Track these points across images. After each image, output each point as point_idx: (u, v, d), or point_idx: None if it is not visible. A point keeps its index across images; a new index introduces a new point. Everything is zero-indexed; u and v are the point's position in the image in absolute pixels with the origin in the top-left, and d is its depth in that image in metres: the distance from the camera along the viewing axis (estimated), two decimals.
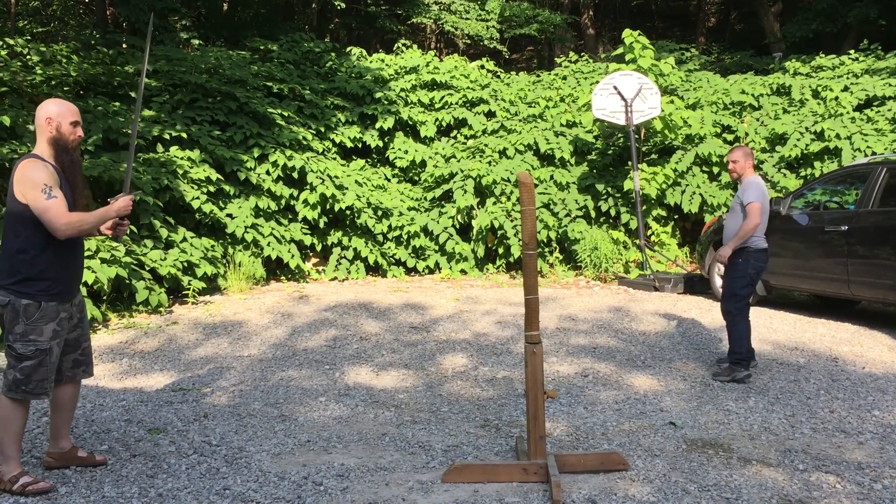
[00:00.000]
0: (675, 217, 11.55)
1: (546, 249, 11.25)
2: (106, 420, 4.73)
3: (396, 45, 15.03)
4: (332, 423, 4.75)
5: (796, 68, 13.94)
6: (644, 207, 10.96)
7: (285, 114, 11.23)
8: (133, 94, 10.28)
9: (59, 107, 3.69)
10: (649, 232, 11.23)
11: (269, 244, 9.74)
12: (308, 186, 10.36)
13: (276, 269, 10.35)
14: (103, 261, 7.34)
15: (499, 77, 14.92)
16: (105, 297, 7.85)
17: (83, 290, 6.97)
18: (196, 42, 12.88)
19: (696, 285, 9.69)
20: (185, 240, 8.80)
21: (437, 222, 10.99)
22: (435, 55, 14.22)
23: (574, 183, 11.58)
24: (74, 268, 3.76)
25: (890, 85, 11.66)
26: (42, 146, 3.67)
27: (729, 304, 5.79)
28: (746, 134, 11.83)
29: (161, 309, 8.05)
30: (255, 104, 10.84)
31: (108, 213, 3.69)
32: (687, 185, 11.03)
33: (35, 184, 3.50)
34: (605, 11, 25.34)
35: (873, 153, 10.04)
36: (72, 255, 3.72)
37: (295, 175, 10.31)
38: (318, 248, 10.65)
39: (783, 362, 6.19)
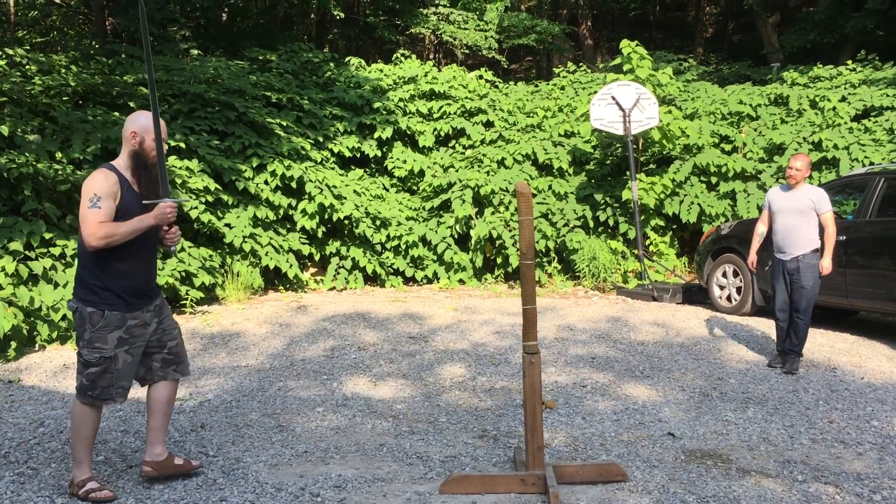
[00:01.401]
0: (674, 227, 11.56)
1: (544, 259, 11.25)
2: (103, 430, 4.71)
3: (395, 55, 15.06)
4: (330, 433, 4.73)
5: (794, 79, 13.98)
6: (642, 217, 10.97)
7: (284, 123, 11.24)
8: (132, 104, 10.28)
9: (146, 121, 3.67)
10: (647, 242, 11.23)
11: (267, 254, 9.74)
12: (306, 196, 10.36)
13: (274, 279, 10.34)
14: None
15: (497, 87, 14.95)
16: None
17: None
18: (195, 52, 12.90)
19: (694, 295, 9.68)
20: (182, 249, 8.79)
21: (436, 232, 10.99)
22: (433, 65, 14.25)
23: (572, 193, 11.59)
24: (140, 278, 3.73)
25: (887, 95, 11.70)
26: (123, 157, 3.69)
27: (811, 304, 6.20)
28: (744, 144, 11.85)
29: None
30: (254, 114, 10.85)
31: (142, 223, 3.59)
32: (685, 195, 11.04)
33: (86, 192, 3.52)
34: (604, 22, 25.45)
35: (871, 163, 10.06)
36: (136, 265, 3.69)
37: (293, 185, 10.31)
38: (317, 257, 10.64)
39: (781, 372, 6.18)
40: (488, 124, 13.24)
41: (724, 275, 8.93)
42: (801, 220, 6.20)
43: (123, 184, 3.61)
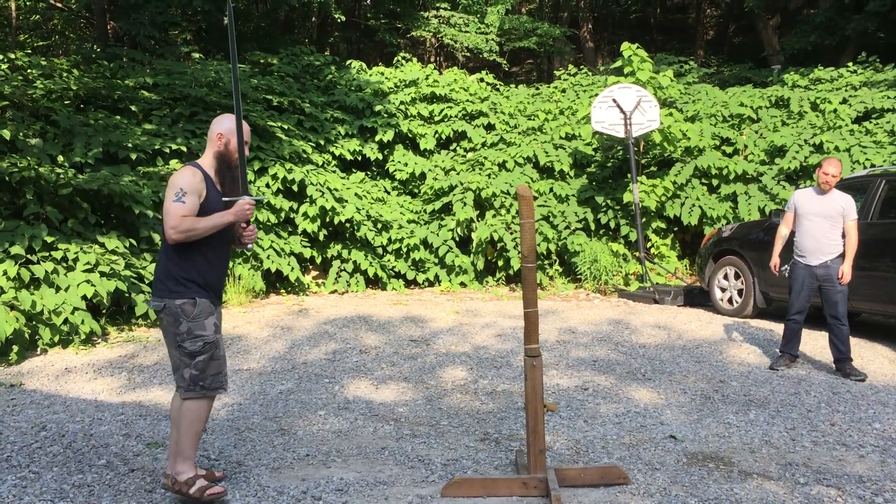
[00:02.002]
0: (675, 229, 11.56)
1: (546, 262, 11.25)
2: (104, 434, 4.71)
3: (396, 58, 15.07)
4: (332, 436, 4.73)
5: (795, 81, 13.99)
6: (643, 220, 10.97)
7: (285, 127, 11.25)
8: (133, 108, 10.30)
9: (232, 124, 3.73)
10: (649, 244, 11.23)
11: (268, 257, 9.74)
12: (308, 199, 10.37)
13: (275, 282, 10.34)
14: (102, 274, 7.33)
15: (498, 90, 14.96)
16: (104, 311, 7.84)
17: (83, 304, 6.99)
18: (196, 55, 12.92)
19: (696, 298, 9.68)
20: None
21: (437, 235, 11.00)
22: (434, 68, 14.26)
23: (573, 195, 11.59)
24: (220, 274, 3.79)
25: (888, 97, 11.70)
26: (208, 158, 3.75)
27: (844, 310, 6.17)
28: (745, 146, 11.86)
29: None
30: (255, 117, 10.86)
31: (222, 219, 3.64)
32: (686, 198, 11.05)
33: (173, 186, 3.56)
34: (604, 24, 25.46)
35: (872, 165, 10.05)
36: (217, 261, 3.75)
37: (295, 188, 10.32)
38: (318, 260, 10.65)
39: (783, 375, 6.18)
40: (489, 127, 13.25)
41: (726, 277, 8.93)
42: (832, 225, 6.18)
43: (208, 182, 3.67)
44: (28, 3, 17.21)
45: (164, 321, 3.67)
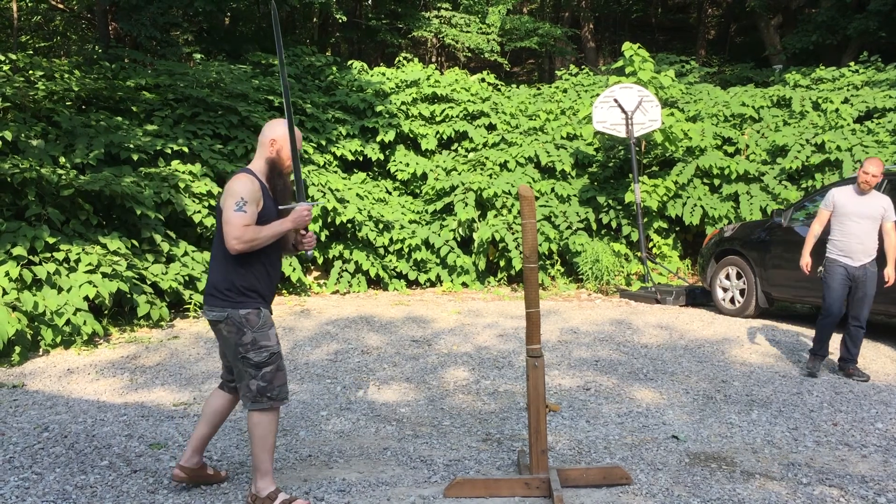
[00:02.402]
0: (677, 229, 11.56)
1: (547, 262, 11.25)
2: (107, 435, 4.71)
3: (397, 58, 15.07)
4: (334, 437, 4.73)
5: (796, 80, 13.97)
6: (645, 220, 10.97)
7: None
8: (135, 109, 10.30)
9: (286, 130, 3.68)
10: (651, 244, 11.22)
11: None
12: (309, 199, 10.37)
13: (277, 283, 10.33)
14: (104, 275, 7.34)
15: (499, 90, 14.96)
16: (106, 312, 7.85)
17: (85, 305, 7.00)
18: (198, 56, 12.92)
19: (697, 297, 9.68)
20: (186, 254, 8.80)
21: (439, 235, 11.00)
22: (436, 68, 14.27)
23: (575, 195, 11.59)
24: (274, 282, 3.77)
25: (890, 97, 11.69)
26: (259, 163, 3.68)
27: (867, 314, 6.20)
28: (747, 146, 11.85)
29: (162, 323, 8.04)
30: (257, 118, 10.87)
31: (282, 227, 3.61)
32: (688, 198, 11.04)
33: (233, 194, 3.50)
34: (606, 24, 25.45)
35: None
36: (273, 269, 3.73)
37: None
38: (320, 261, 10.65)
39: (786, 375, 6.18)
40: (491, 127, 13.25)
41: (728, 277, 8.92)
42: (874, 226, 6.12)
43: (263, 190, 3.62)
44: (30, 4, 17.22)
45: (224, 331, 3.59)
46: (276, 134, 3.66)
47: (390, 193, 12.25)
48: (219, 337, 3.67)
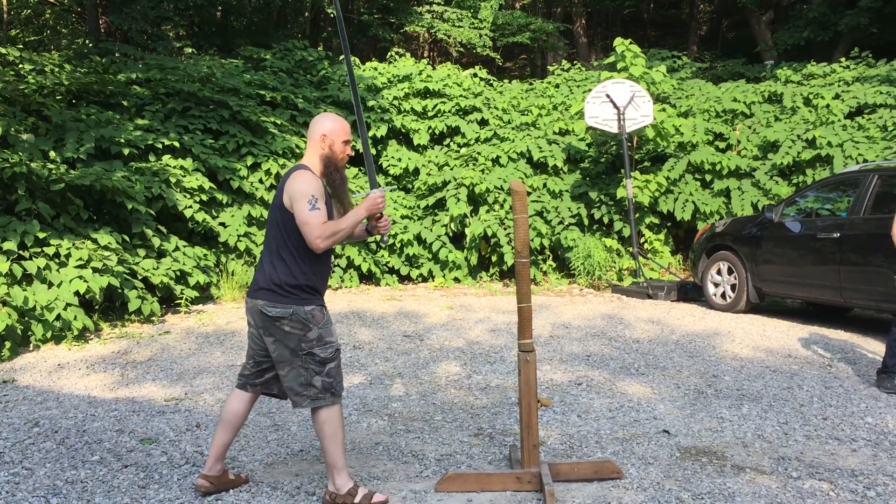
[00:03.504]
0: (668, 225, 11.58)
1: (539, 257, 11.26)
2: (97, 430, 4.70)
3: (389, 53, 15.05)
4: None
5: (788, 76, 14.01)
6: (637, 215, 10.99)
7: (278, 122, 11.22)
8: (126, 103, 10.26)
9: (334, 123, 3.66)
10: (642, 239, 11.24)
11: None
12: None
13: None
14: (95, 270, 7.31)
15: (491, 85, 14.94)
16: (97, 307, 7.82)
17: (75, 300, 6.97)
18: (189, 50, 12.88)
19: (689, 293, 9.70)
20: (177, 249, 8.77)
21: (431, 230, 10.99)
22: (428, 63, 14.24)
23: (567, 191, 11.59)
24: (328, 277, 3.76)
25: (881, 93, 11.72)
26: (312, 159, 3.65)
27: None
28: (738, 141, 11.88)
29: (153, 318, 8.02)
30: (248, 113, 10.84)
31: (359, 215, 3.63)
32: (679, 193, 11.06)
33: (303, 194, 3.47)
34: (598, 20, 25.45)
35: (864, 160, 10.08)
36: (327, 264, 3.73)
37: None
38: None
39: (776, 370, 6.20)
40: (483, 122, 13.23)
41: (719, 272, 8.95)
42: None
43: (323, 185, 3.62)
44: None
45: (287, 327, 3.53)
46: (326, 128, 3.64)
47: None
48: (269, 334, 3.57)
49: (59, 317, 6.88)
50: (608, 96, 10.58)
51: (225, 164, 9.97)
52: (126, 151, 9.04)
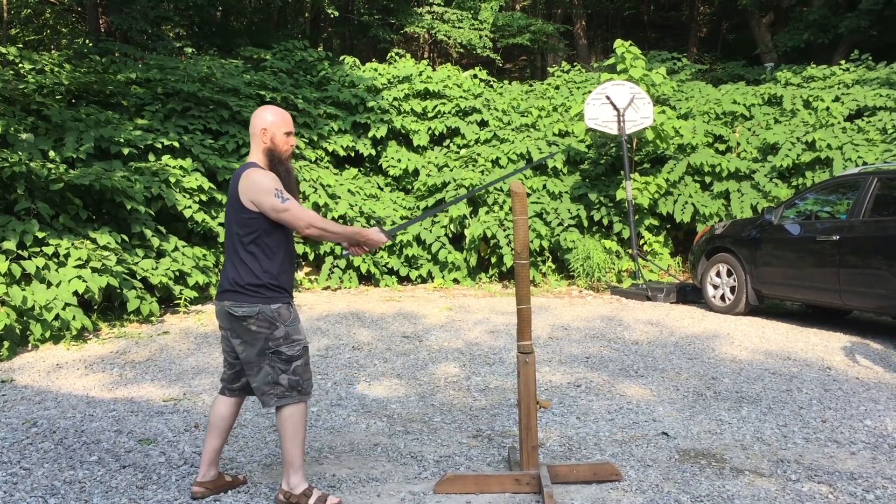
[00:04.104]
0: (668, 226, 11.58)
1: (539, 259, 11.26)
2: (96, 430, 4.69)
3: (389, 54, 15.05)
4: (324, 433, 4.73)
5: (788, 78, 14.01)
6: (636, 217, 10.98)
7: None
8: (125, 103, 10.25)
9: (274, 116, 3.63)
10: (642, 241, 11.24)
11: None
12: (301, 195, 10.34)
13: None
14: (94, 270, 7.30)
15: (491, 86, 14.95)
16: (96, 307, 7.82)
17: (74, 300, 6.97)
18: (189, 50, 12.87)
19: (688, 295, 9.70)
20: (176, 249, 8.77)
21: (430, 231, 10.99)
22: (428, 64, 14.24)
23: (566, 192, 11.59)
24: (294, 271, 3.72)
25: (880, 95, 11.73)
26: (257, 155, 3.63)
27: None
28: (738, 144, 11.88)
29: (152, 318, 8.01)
30: (248, 113, 10.82)
31: (357, 235, 3.66)
32: (679, 195, 11.06)
33: (267, 189, 3.46)
34: (598, 21, 25.47)
35: (864, 163, 10.09)
36: (294, 260, 3.71)
37: None
38: (311, 257, 10.63)
39: (775, 372, 6.20)
40: (483, 123, 13.23)
41: (718, 274, 8.94)
42: None
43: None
44: None
45: (254, 327, 3.52)
46: (266, 122, 3.61)
47: (382, 189, 12.23)
48: (236, 335, 3.57)
49: (57, 316, 6.88)
50: (608, 98, 10.58)
51: (224, 164, 9.97)
52: (125, 151, 9.04)
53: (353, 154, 12.37)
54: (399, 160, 12.24)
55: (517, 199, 3.78)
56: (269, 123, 3.62)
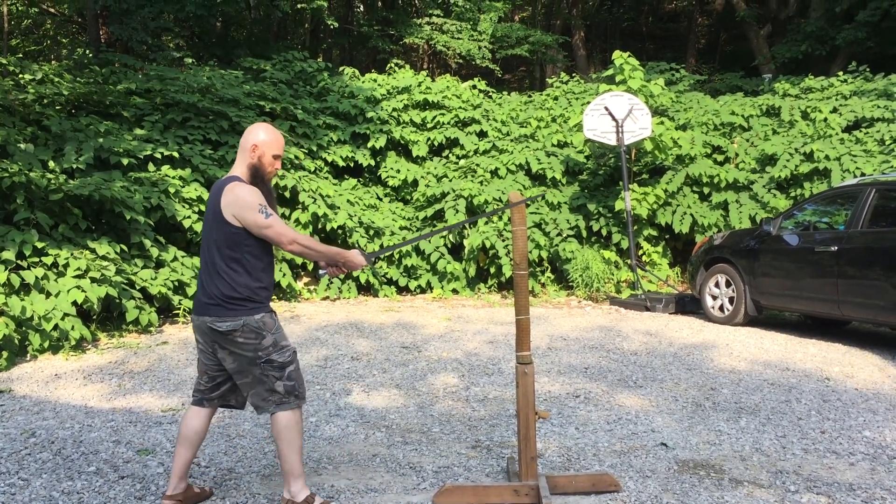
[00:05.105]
0: (666, 237, 11.59)
1: (537, 269, 11.27)
2: (94, 441, 4.69)
3: (389, 64, 15.09)
4: (323, 443, 4.72)
5: (786, 90, 14.06)
6: (635, 227, 11.00)
7: None
8: (125, 113, 10.27)
9: (267, 135, 3.64)
10: (640, 252, 11.25)
11: None
12: (300, 205, 10.36)
13: None
14: (93, 280, 7.31)
15: (490, 97, 14.99)
16: (95, 317, 7.81)
17: (73, 310, 6.97)
18: (189, 61, 12.91)
19: (687, 305, 9.70)
20: (175, 259, 8.77)
21: (429, 242, 11.00)
22: (427, 75, 14.28)
23: (565, 203, 11.61)
24: (273, 280, 3.74)
25: (878, 107, 11.77)
26: (241, 168, 3.63)
27: None
28: (736, 154, 11.91)
29: (151, 328, 8.01)
30: (248, 123, 10.85)
31: (337, 256, 3.68)
32: (678, 206, 11.08)
33: (251, 205, 3.47)
34: (597, 32, 25.55)
35: (862, 174, 10.11)
36: (272, 269, 3.72)
37: (287, 194, 10.31)
38: (310, 267, 10.62)
39: (774, 383, 6.20)
40: (482, 134, 13.26)
41: (717, 285, 8.95)
42: None
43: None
44: (20, 8, 17.18)
45: (240, 339, 3.51)
46: (258, 139, 3.62)
47: (381, 200, 12.25)
48: (222, 348, 3.55)
49: (56, 327, 6.87)
50: (606, 109, 10.61)
51: (224, 174, 9.97)
52: (125, 161, 9.05)
53: (352, 164, 12.39)
54: (398, 171, 12.27)
55: (516, 210, 3.80)
56: (261, 142, 3.63)
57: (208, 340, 3.60)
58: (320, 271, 3.85)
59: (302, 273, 10.97)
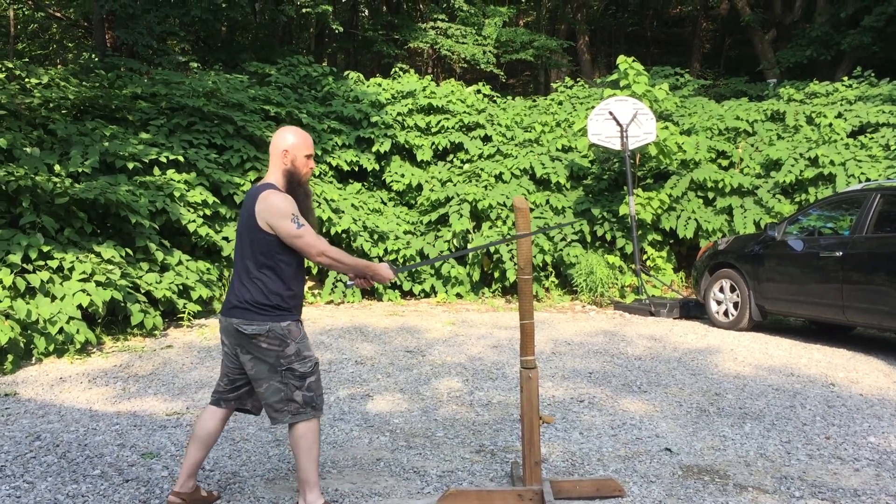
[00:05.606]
0: (671, 242, 11.59)
1: (542, 274, 11.27)
2: (99, 444, 4.70)
3: (393, 69, 15.11)
4: (327, 447, 4.73)
5: (790, 95, 14.03)
6: (639, 232, 10.99)
7: None
8: (131, 117, 10.31)
9: (296, 138, 3.64)
10: (645, 257, 11.25)
11: None
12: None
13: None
14: (98, 283, 7.32)
15: (495, 102, 15.00)
16: (100, 320, 7.83)
17: (78, 313, 6.98)
18: (194, 65, 12.94)
19: (691, 310, 9.69)
20: (180, 263, 8.79)
21: (433, 246, 11.00)
22: (431, 80, 14.30)
23: (570, 207, 11.61)
24: (303, 289, 3.75)
25: (883, 112, 11.75)
26: (276, 175, 3.64)
27: None
28: (741, 159, 11.90)
29: (156, 332, 8.02)
30: (252, 128, 10.88)
31: (366, 269, 3.70)
32: (682, 211, 11.08)
33: (284, 213, 3.47)
34: (601, 37, 25.57)
35: (867, 179, 10.10)
36: (303, 278, 3.73)
37: None
38: (314, 271, 10.64)
39: (779, 388, 6.19)
40: (486, 139, 13.27)
41: (721, 290, 8.94)
42: None
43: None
44: (26, 13, 17.25)
45: (265, 344, 3.52)
46: (287, 143, 3.62)
47: (385, 204, 12.26)
48: (246, 352, 3.56)
49: (61, 330, 6.89)
50: (611, 113, 10.61)
51: (229, 178, 10.00)
52: (130, 165, 9.08)
53: (356, 169, 12.40)
54: (402, 175, 12.28)
55: (520, 215, 3.80)
56: (291, 145, 3.62)
57: (233, 342, 3.61)
58: (348, 282, 3.86)
59: (306, 277, 10.97)
